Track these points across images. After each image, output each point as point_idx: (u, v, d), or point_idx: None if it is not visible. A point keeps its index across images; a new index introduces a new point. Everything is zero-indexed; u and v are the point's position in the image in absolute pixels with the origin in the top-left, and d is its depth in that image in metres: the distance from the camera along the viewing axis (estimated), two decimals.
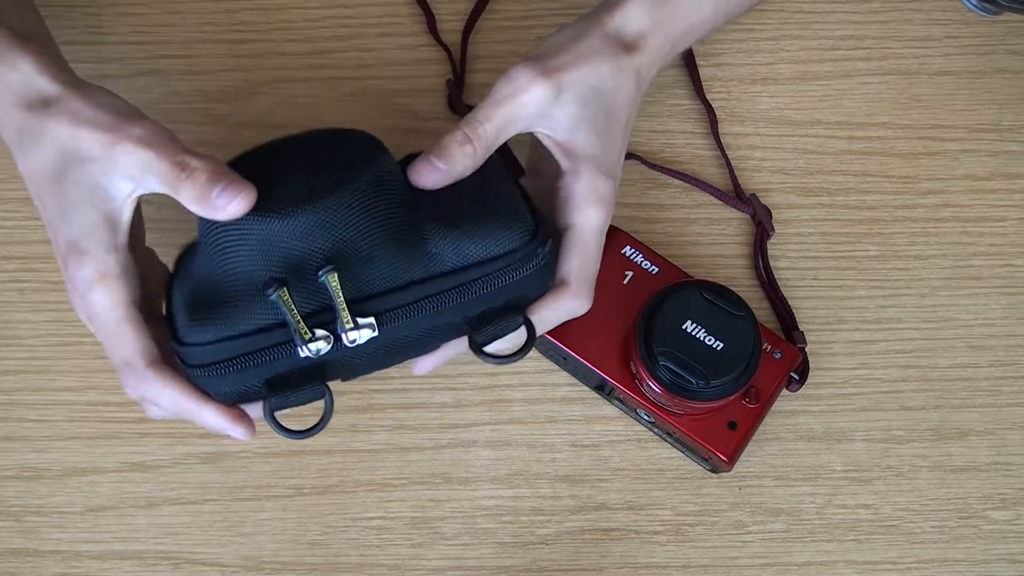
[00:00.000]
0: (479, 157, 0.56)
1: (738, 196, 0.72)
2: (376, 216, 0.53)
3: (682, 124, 0.74)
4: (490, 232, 0.54)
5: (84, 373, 0.69)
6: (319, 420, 0.54)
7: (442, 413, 0.69)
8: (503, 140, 0.57)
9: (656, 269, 0.67)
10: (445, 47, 0.74)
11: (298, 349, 0.52)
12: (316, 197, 0.52)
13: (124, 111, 0.53)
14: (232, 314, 0.53)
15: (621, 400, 0.67)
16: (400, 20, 0.75)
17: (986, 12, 0.65)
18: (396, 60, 0.74)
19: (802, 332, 0.69)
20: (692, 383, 0.61)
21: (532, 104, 0.56)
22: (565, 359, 0.67)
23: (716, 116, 0.73)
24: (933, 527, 0.68)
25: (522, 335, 0.57)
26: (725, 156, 0.73)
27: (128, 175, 0.52)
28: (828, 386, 0.70)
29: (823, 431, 0.69)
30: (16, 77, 0.54)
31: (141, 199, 0.54)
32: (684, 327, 0.62)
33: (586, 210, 0.57)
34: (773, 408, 0.67)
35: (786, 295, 0.70)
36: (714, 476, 0.68)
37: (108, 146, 0.52)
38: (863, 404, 0.69)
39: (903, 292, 0.71)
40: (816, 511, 0.68)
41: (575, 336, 0.66)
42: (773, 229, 0.72)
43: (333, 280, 0.52)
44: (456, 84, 0.73)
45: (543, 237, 0.56)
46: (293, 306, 0.52)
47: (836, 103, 0.74)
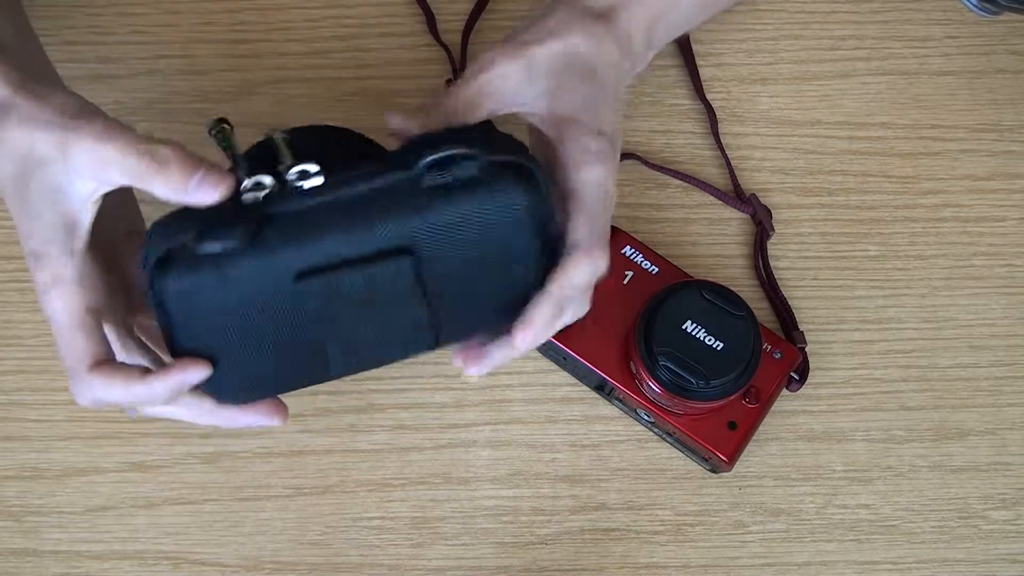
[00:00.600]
0: (436, 118, 0.56)
1: (738, 196, 0.72)
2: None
3: (682, 124, 0.74)
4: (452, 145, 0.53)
5: None
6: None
7: (442, 413, 0.69)
8: (478, 115, 0.56)
9: (656, 269, 0.67)
10: (445, 47, 0.74)
11: (241, 186, 0.51)
12: None
13: (78, 110, 0.52)
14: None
15: (621, 400, 0.67)
16: (400, 20, 0.75)
17: (986, 12, 0.65)
18: (396, 60, 0.74)
19: (802, 332, 0.69)
20: (692, 383, 0.61)
21: (502, 80, 0.56)
22: (565, 359, 0.67)
23: (716, 116, 0.73)
24: (933, 527, 0.68)
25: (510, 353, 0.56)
26: (725, 156, 0.72)
27: (89, 174, 0.51)
28: (828, 386, 0.70)
29: (823, 431, 0.69)
30: None
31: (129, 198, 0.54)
32: (684, 327, 0.62)
33: (582, 170, 0.56)
34: (773, 408, 0.67)
35: (786, 295, 0.70)
36: (714, 476, 0.68)
37: (63, 146, 0.51)
38: (863, 404, 0.69)
39: (903, 292, 0.71)
40: (816, 511, 0.68)
41: (575, 336, 0.65)
42: (773, 229, 0.71)
43: (277, 135, 0.53)
44: None
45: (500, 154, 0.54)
46: (233, 139, 0.52)
47: (836, 103, 0.74)
